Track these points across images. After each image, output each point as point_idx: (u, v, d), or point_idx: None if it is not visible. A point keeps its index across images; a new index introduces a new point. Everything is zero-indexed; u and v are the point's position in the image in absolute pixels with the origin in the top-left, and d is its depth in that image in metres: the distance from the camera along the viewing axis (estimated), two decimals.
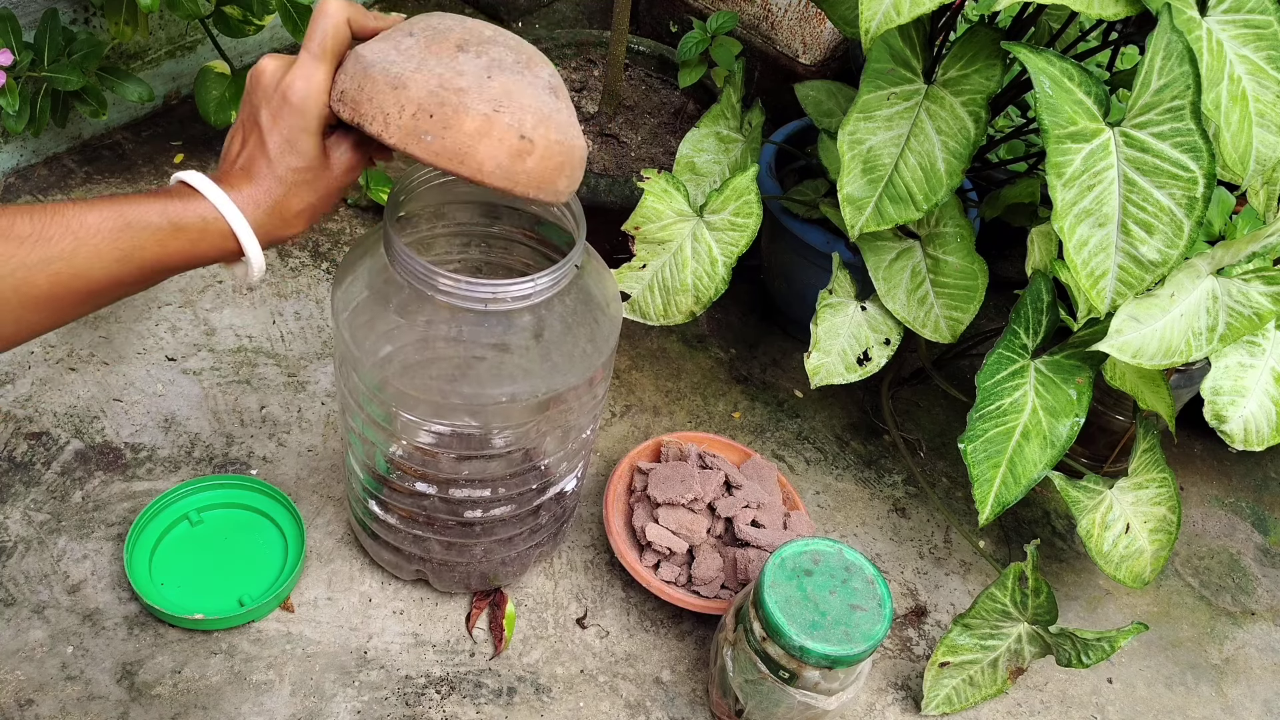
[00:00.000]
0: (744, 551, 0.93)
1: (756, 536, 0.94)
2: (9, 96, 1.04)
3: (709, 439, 1.05)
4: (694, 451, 1.00)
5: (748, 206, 0.95)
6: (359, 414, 0.82)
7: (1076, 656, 0.87)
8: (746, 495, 0.97)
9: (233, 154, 0.61)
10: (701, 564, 0.93)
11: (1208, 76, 0.77)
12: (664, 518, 0.94)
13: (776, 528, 0.96)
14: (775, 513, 0.98)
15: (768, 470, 1.02)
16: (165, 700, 0.85)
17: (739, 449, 1.04)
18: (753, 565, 0.93)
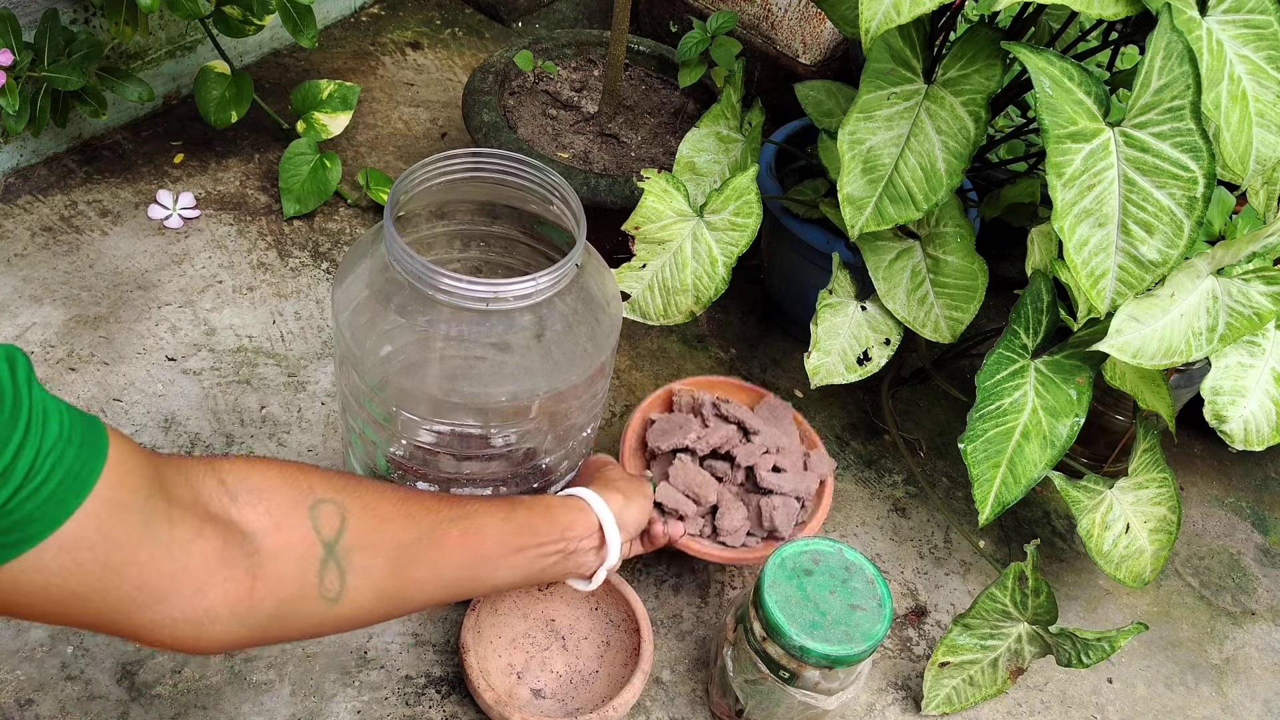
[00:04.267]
0: (768, 499, 0.92)
1: (779, 483, 0.93)
2: (9, 96, 1.04)
3: (720, 382, 1.02)
4: (707, 400, 0.97)
5: (748, 206, 0.95)
6: (359, 413, 0.82)
7: (1076, 656, 0.87)
8: (765, 440, 0.94)
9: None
10: (726, 515, 0.92)
11: (1208, 76, 0.77)
12: (675, 475, 0.92)
13: (797, 470, 0.95)
14: (795, 455, 0.96)
15: (783, 410, 0.99)
16: (165, 700, 0.85)
17: (750, 390, 1.01)
18: (778, 512, 0.92)
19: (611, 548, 0.77)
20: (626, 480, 0.83)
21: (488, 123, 1.17)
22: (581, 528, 0.76)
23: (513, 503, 0.73)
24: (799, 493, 0.94)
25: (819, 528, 0.94)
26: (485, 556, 0.69)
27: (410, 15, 1.58)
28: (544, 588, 0.93)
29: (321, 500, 0.59)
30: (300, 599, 0.58)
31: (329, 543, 0.58)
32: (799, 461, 0.96)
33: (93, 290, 1.12)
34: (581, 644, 0.92)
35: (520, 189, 0.79)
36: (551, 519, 0.74)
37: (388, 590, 0.63)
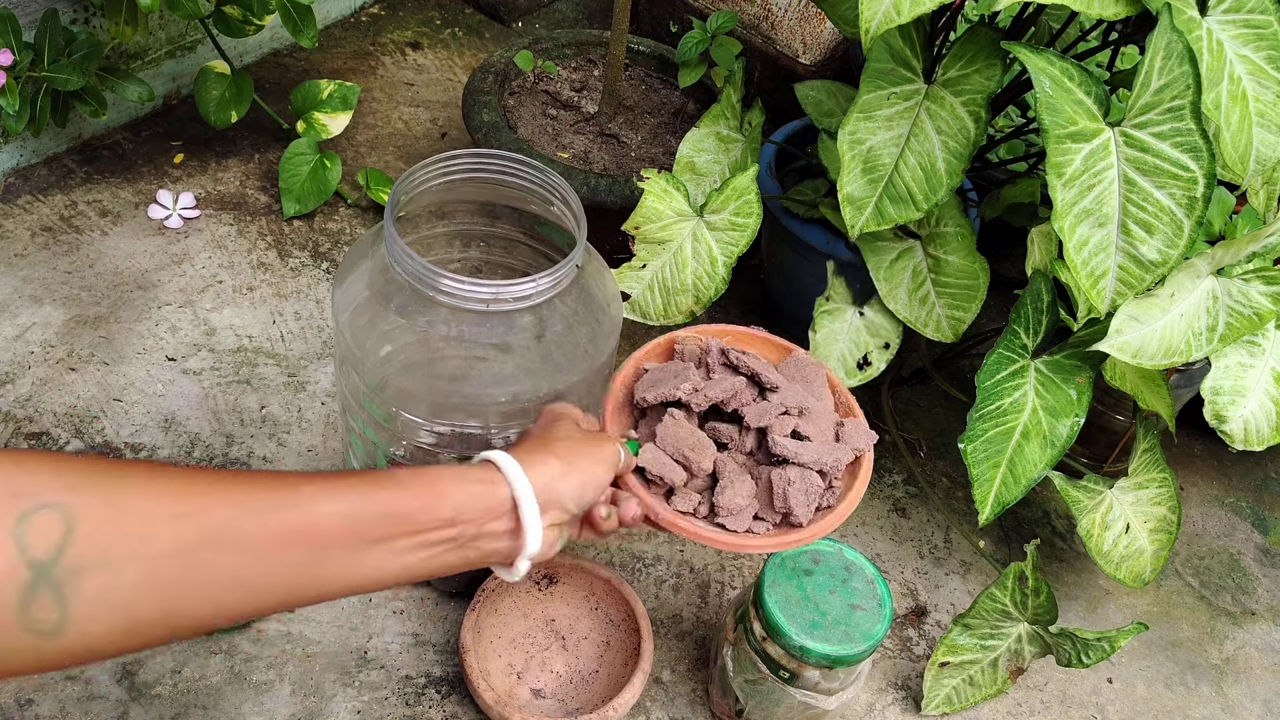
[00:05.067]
0: (783, 471, 0.72)
1: (799, 452, 0.72)
2: (9, 96, 1.04)
3: (736, 331, 0.81)
4: (715, 347, 0.77)
5: (748, 206, 0.95)
6: (360, 414, 0.82)
7: (1076, 656, 0.87)
8: (784, 399, 0.74)
9: None
10: (727, 489, 0.72)
11: (1208, 76, 0.77)
12: (664, 434, 0.73)
13: (826, 439, 0.75)
14: (824, 420, 0.76)
15: (814, 369, 0.79)
16: (165, 700, 0.85)
17: (777, 343, 0.81)
18: (793, 488, 0.71)
19: (529, 532, 0.60)
20: (576, 440, 0.66)
21: (488, 123, 1.17)
22: (483, 507, 0.59)
23: (378, 479, 0.57)
24: (824, 466, 0.72)
25: (849, 513, 0.73)
26: (318, 558, 0.53)
27: (410, 15, 1.58)
28: (544, 587, 0.93)
29: (41, 506, 0.45)
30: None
31: (39, 563, 0.45)
32: (829, 430, 0.76)
33: (93, 290, 1.12)
34: (581, 644, 0.92)
35: (520, 189, 0.79)
36: (436, 497, 0.57)
37: (146, 616, 0.48)
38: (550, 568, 0.92)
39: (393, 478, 0.57)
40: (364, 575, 0.55)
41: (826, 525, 0.72)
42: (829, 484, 0.74)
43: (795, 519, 0.72)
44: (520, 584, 0.91)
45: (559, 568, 0.92)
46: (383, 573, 0.56)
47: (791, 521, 0.72)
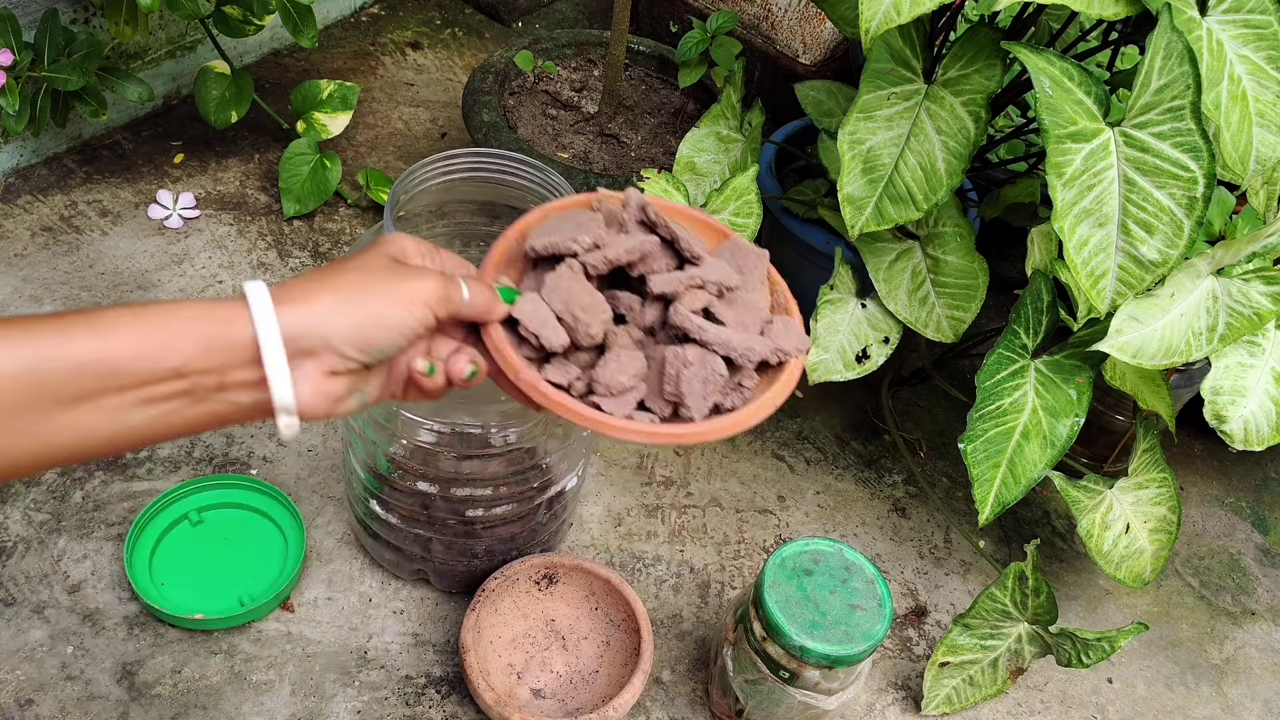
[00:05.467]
0: (680, 350, 0.58)
1: (703, 328, 0.58)
2: (9, 96, 1.04)
3: (672, 205, 0.67)
4: (635, 201, 0.62)
5: (748, 206, 0.95)
6: (359, 413, 0.82)
7: (1076, 656, 0.87)
8: (705, 274, 0.61)
9: None
10: (611, 364, 0.58)
11: (1208, 76, 0.77)
12: (551, 287, 0.59)
13: (746, 327, 0.61)
14: (751, 311, 0.62)
15: (754, 258, 0.65)
16: (165, 700, 0.85)
17: (716, 227, 0.67)
18: (689, 373, 0.57)
19: (273, 381, 0.49)
20: (373, 271, 0.53)
21: (488, 123, 1.17)
22: (222, 351, 0.48)
23: (75, 324, 0.46)
24: (732, 352, 0.58)
25: (758, 419, 0.58)
26: None
27: (410, 15, 1.58)
28: (544, 587, 0.93)
29: None
30: None
31: None
32: (753, 323, 0.62)
33: (93, 290, 1.12)
34: (581, 644, 0.92)
35: (520, 189, 0.79)
36: (158, 345, 0.47)
37: None
38: (550, 568, 0.92)
39: (102, 320, 0.47)
40: (61, 442, 0.46)
41: (724, 427, 0.57)
42: (738, 383, 0.60)
43: (686, 411, 0.58)
44: (520, 584, 0.92)
45: (559, 568, 0.92)
46: (92, 436, 0.47)
47: (682, 415, 0.58)
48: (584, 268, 0.60)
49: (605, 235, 0.61)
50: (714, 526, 1.06)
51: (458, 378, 0.56)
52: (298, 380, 0.50)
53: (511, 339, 0.58)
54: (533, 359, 0.58)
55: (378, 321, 0.52)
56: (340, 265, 0.53)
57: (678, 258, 0.62)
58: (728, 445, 1.13)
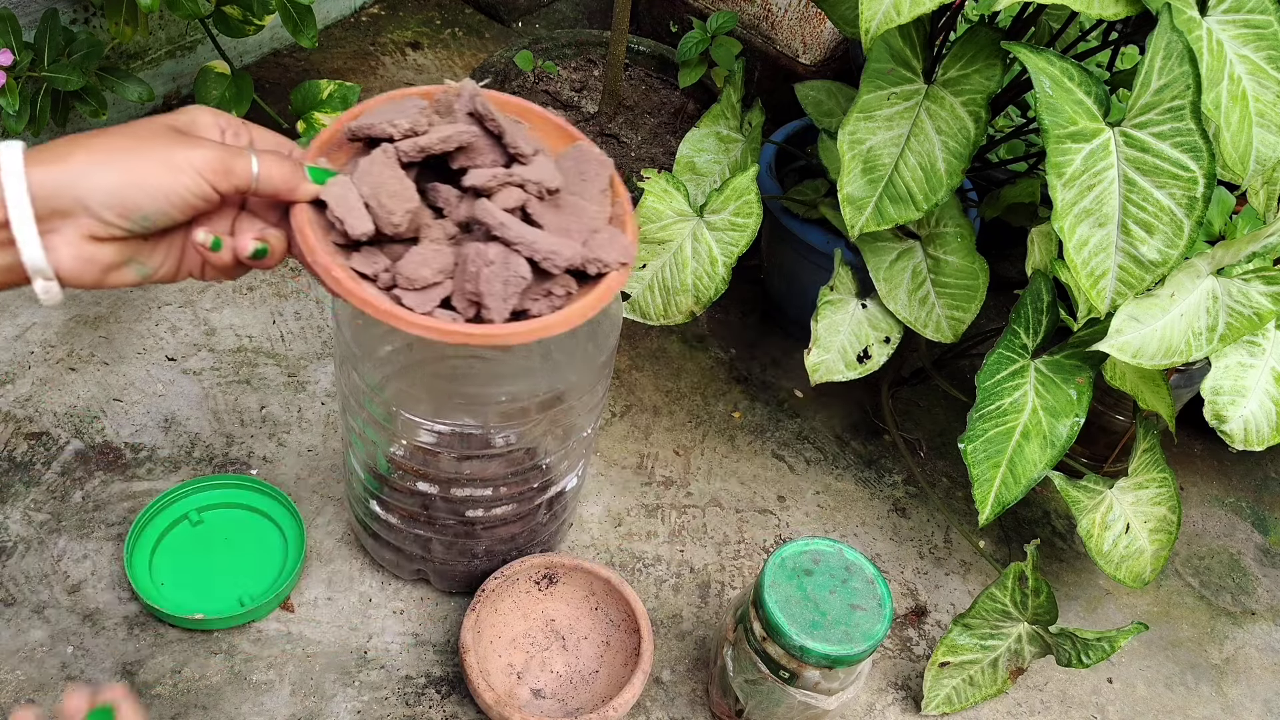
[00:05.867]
0: (483, 248, 0.55)
1: (506, 224, 0.55)
2: (9, 96, 1.04)
3: (521, 104, 0.63)
4: (468, 93, 0.59)
5: (748, 206, 0.95)
6: (360, 413, 0.82)
7: (1076, 656, 0.87)
8: (527, 173, 0.58)
9: None
10: (415, 257, 0.56)
11: (1208, 76, 0.77)
12: (363, 172, 0.56)
13: (566, 233, 0.58)
14: (576, 217, 0.59)
15: (597, 166, 0.61)
16: (165, 700, 0.85)
17: (568, 131, 0.63)
18: (489, 272, 0.54)
19: (21, 241, 0.48)
20: (142, 135, 0.51)
21: None
22: None
23: None
24: (537, 254, 0.55)
25: (563, 328, 0.56)
26: None
27: (410, 15, 1.58)
28: (544, 587, 0.93)
29: None
30: None
31: None
32: (578, 231, 0.59)
33: (93, 290, 1.12)
34: (581, 644, 0.92)
35: None
36: None
37: None
38: (550, 568, 0.92)
39: None
40: None
41: (523, 332, 0.55)
42: (547, 290, 0.57)
43: (486, 312, 0.55)
44: (520, 584, 0.92)
45: (559, 568, 0.92)
46: None
47: (483, 315, 0.56)
48: (398, 154, 0.57)
49: (424, 123, 0.58)
50: (714, 526, 1.06)
51: (242, 254, 0.54)
52: (55, 244, 0.49)
53: (322, 222, 0.56)
54: (342, 245, 0.56)
55: (139, 185, 0.50)
56: (111, 129, 0.51)
57: (507, 156, 0.59)
58: (728, 445, 1.13)
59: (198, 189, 0.51)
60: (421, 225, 0.57)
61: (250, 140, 0.56)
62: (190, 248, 0.54)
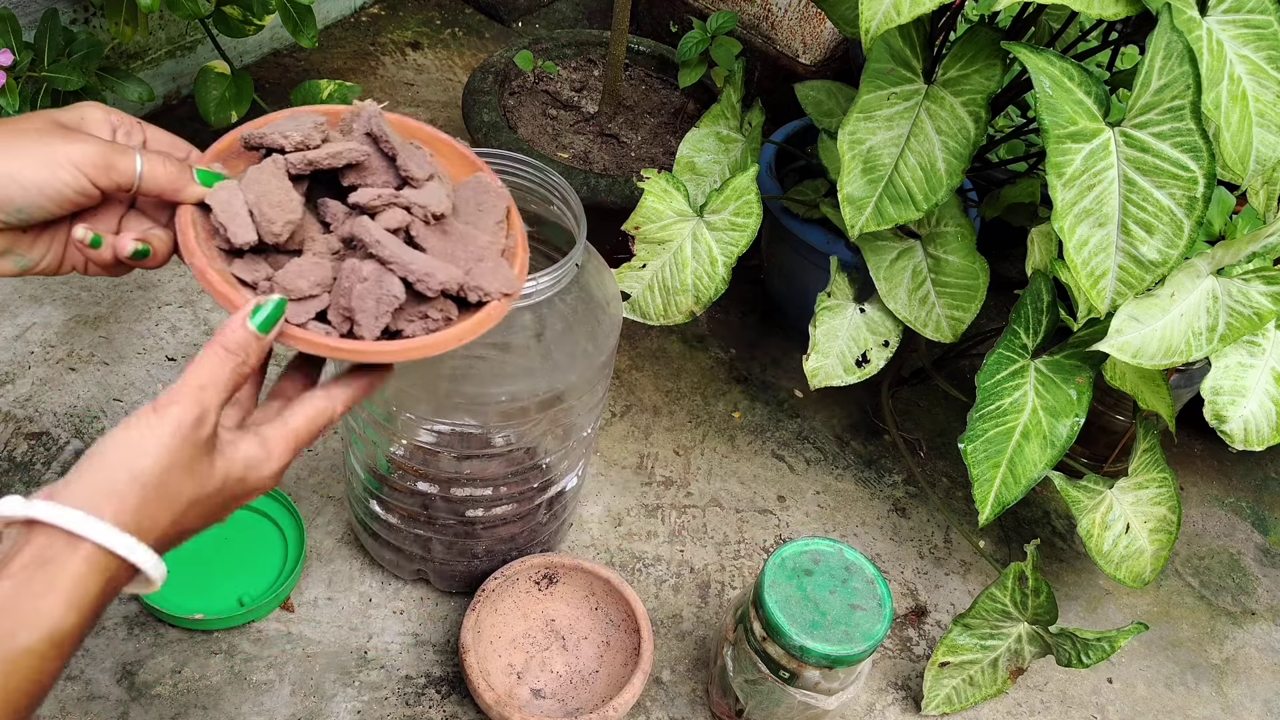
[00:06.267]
0: (360, 265, 0.55)
1: (397, 254, 0.55)
2: (9, 96, 1.04)
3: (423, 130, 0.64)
4: (369, 114, 0.59)
5: (748, 206, 0.95)
6: (359, 413, 0.82)
7: (1076, 656, 0.87)
8: (415, 197, 0.58)
9: None
10: (293, 268, 0.55)
11: (1208, 76, 0.77)
12: (250, 180, 0.56)
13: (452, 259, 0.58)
14: (464, 245, 0.59)
15: (495, 197, 0.62)
16: (165, 700, 0.85)
17: (471, 160, 0.64)
18: (362, 288, 0.54)
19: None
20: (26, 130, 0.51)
21: (488, 123, 1.17)
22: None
23: None
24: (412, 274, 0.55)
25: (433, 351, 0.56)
26: None
27: (410, 15, 1.58)
28: (544, 587, 0.93)
29: None
30: None
31: None
32: (466, 254, 0.59)
33: (93, 290, 1.12)
34: (581, 644, 0.92)
35: (520, 189, 0.79)
36: None
37: None
38: (550, 568, 0.92)
39: None
40: None
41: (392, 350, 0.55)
42: (423, 312, 0.57)
43: (358, 328, 0.55)
44: (520, 584, 0.92)
45: (559, 568, 0.92)
46: None
47: (355, 332, 0.56)
48: (287, 166, 0.58)
49: (317, 137, 0.59)
50: (714, 526, 1.06)
51: (122, 254, 0.54)
52: None
53: (207, 226, 0.56)
54: (226, 251, 0.56)
55: (14, 178, 0.50)
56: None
57: (399, 178, 0.60)
58: (728, 445, 1.13)
59: (76, 184, 0.51)
60: (306, 238, 0.58)
61: (144, 140, 0.56)
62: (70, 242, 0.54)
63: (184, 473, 0.48)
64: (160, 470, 0.47)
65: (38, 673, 0.44)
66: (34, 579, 0.44)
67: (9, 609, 0.43)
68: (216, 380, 0.49)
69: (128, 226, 0.55)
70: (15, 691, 0.43)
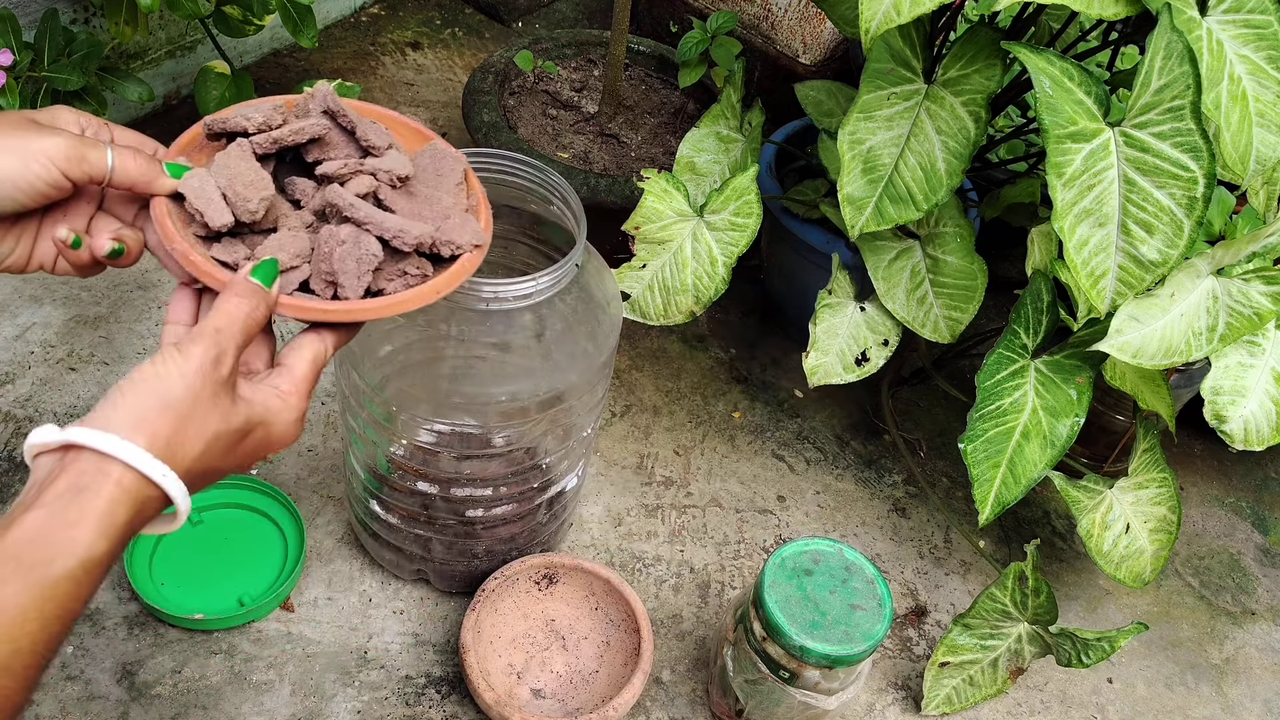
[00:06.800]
0: (336, 229, 0.58)
1: (370, 215, 0.58)
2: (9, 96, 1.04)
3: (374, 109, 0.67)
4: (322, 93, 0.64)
5: (748, 206, 0.95)
6: (360, 413, 0.82)
7: (1076, 656, 0.87)
8: (379, 164, 0.61)
9: None
10: (271, 243, 0.58)
11: (1208, 76, 0.77)
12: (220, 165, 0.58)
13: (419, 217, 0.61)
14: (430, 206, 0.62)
15: (450, 161, 0.64)
16: (165, 700, 0.85)
17: (421, 131, 0.67)
18: (342, 250, 0.57)
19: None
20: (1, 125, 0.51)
21: (488, 123, 1.17)
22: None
23: None
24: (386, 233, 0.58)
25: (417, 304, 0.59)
26: None
27: (410, 15, 1.58)
28: (544, 587, 0.93)
29: None
30: None
31: None
32: (433, 214, 0.62)
33: (93, 290, 1.12)
34: (581, 644, 0.92)
35: (520, 189, 0.79)
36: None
37: None
38: (550, 568, 0.92)
39: None
40: None
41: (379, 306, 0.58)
42: (401, 270, 0.60)
43: (342, 290, 0.58)
44: (520, 584, 0.92)
45: (559, 568, 0.92)
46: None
47: (340, 295, 0.58)
48: (253, 148, 0.60)
49: (278, 118, 0.61)
50: (714, 526, 1.06)
51: (99, 253, 0.55)
52: None
53: (181, 215, 0.58)
54: (203, 237, 0.58)
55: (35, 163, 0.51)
56: None
57: (361, 149, 0.63)
58: (728, 445, 1.13)
59: (49, 176, 0.52)
60: (279, 216, 0.60)
61: (111, 138, 0.57)
62: (42, 239, 0.56)
63: (210, 405, 0.50)
64: (189, 399, 0.49)
65: (72, 599, 0.45)
66: (69, 507, 0.45)
67: (45, 537, 0.45)
68: (231, 324, 0.51)
69: (98, 228, 0.57)
70: (51, 617, 0.45)
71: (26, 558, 0.44)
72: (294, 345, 0.56)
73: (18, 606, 0.43)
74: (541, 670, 0.90)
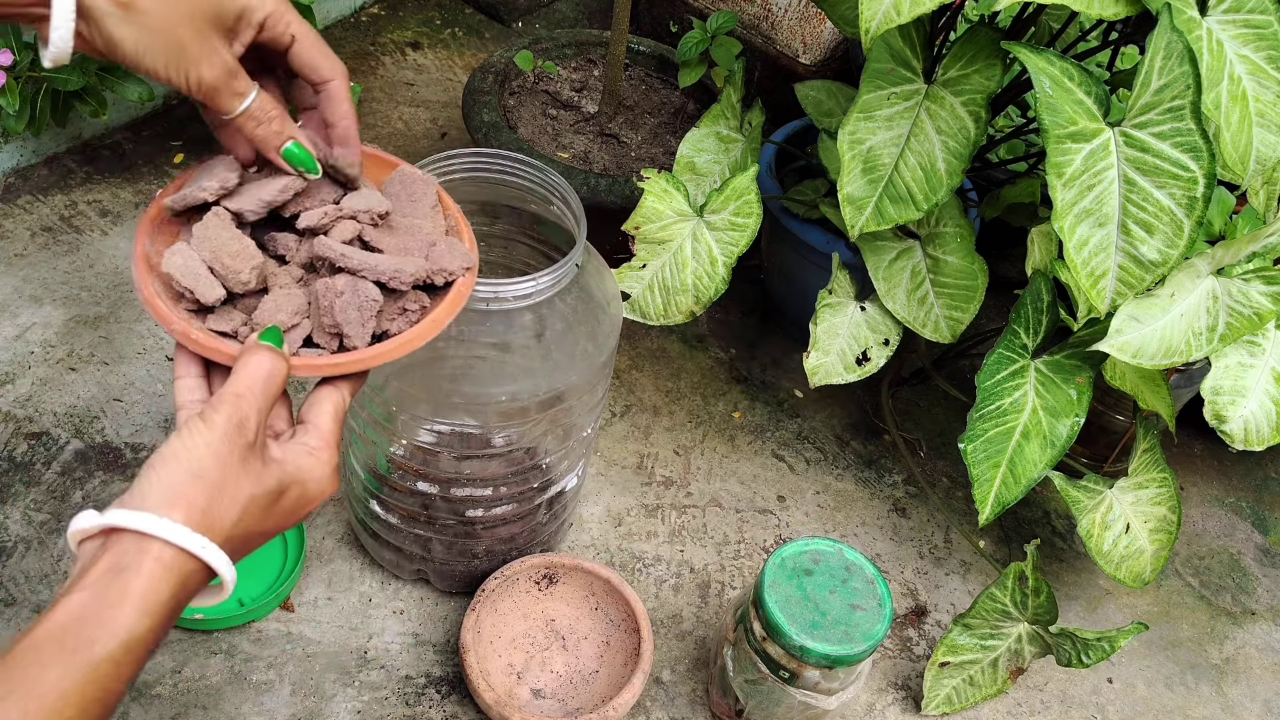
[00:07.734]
0: (332, 281, 0.57)
1: (364, 261, 0.58)
2: (9, 96, 1.04)
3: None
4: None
5: (748, 206, 0.95)
6: (360, 413, 0.82)
7: (1076, 656, 0.87)
8: (354, 204, 0.60)
9: None
10: (268, 305, 0.57)
11: (1208, 76, 0.77)
12: (200, 237, 0.58)
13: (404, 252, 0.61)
14: (413, 236, 0.62)
15: (422, 185, 0.65)
16: (165, 700, 0.85)
17: (386, 160, 0.66)
18: (342, 300, 0.56)
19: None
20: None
21: (488, 123, 1.17)
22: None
23: None
24: (382, 275, 0.58)
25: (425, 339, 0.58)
26: None
27: (410, 15, 1.58)
28: (544, 587, 0.93)
29: None
30: None
31: None
32: (418, 245, 0.62)
33: (93, 290, 1.12)
34: (581, 644, 0.92)
35: (520, 189, 0.79)
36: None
37: None
38: (550, 568, 0.92)
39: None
40: None
41: (389, 350, 0.57)
42: (401, 308, 0.59)
43: (348, 340, 0.57)
44: (520, 584, 0.92)
45: (559, 568, 0.92)
46: None
47: (346, 345, 0.58)
48: (235, 216, 0.59)
49: (232, 178, 0.61)
50: (714, 526, 1.06)
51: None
52: None
53: (170, 293, 0.57)
54: (195, 310, 0.57)
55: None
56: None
57: (336, 184, 0.62)
58: (728, 445, 1.13)
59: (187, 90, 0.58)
60: (268, 275, 0.59)
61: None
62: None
63: (240, 469, 0.50)
64: (219, 467, 0.49)
65: (114, 680, 0.45)
66: (110, 587, 0.45)
67: (87, 618, 0.45)
68: (251, 388, 0.51)
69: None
70: (91, 700, 0.44)
71: (69, 640, 0.44)
72: (313, 401, 0.56)
73: (58, 691, 0.43)
74: (541, 670, 0.90)
